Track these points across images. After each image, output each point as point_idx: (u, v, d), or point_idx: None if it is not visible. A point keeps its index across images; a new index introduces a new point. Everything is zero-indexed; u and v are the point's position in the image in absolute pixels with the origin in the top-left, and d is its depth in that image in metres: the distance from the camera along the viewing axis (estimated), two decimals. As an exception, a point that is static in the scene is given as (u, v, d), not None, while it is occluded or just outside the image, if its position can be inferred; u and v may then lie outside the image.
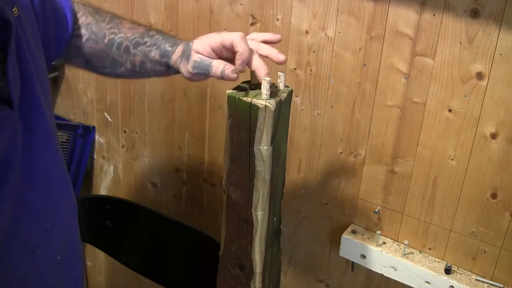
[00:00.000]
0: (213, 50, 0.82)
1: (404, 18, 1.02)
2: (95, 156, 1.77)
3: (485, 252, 1.07)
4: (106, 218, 1.48)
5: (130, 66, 0.89)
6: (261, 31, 1.21)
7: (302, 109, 1.22)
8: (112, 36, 0.88)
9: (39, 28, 0.76)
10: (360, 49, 1.09)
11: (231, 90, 0.85)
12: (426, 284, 1.09)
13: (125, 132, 1.64)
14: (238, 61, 0.79)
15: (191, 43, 0.84)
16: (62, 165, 0.76)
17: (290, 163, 1.27)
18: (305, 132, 1.23)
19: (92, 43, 0.88)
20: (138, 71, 0.90)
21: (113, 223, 1.48)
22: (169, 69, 0.88)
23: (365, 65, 1.09)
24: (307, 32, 1.15)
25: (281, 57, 0.81)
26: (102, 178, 1.79)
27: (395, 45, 1.04)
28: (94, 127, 1.72)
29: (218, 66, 0.81)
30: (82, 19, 0.89)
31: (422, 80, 1.03)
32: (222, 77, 0.80)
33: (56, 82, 1.75)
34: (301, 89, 1.20)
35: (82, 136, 1.71)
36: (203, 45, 0.82)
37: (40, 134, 0.70)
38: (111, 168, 1.74)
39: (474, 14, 0.94)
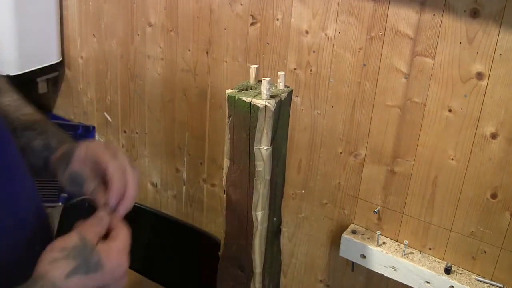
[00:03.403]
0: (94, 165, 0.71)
1: (404, 18, 1.02)
2: (95, 156, 1.77)
3: (485, 252, 1.07)
4: (106, 218, 1.47)
5: None
6: (261, 31, 1.21)
7: (302, 109, 1.22)
8: (5, 113, 0.80)
9: None
10: (360, 49, 1.09)
11: (231, 90, 0.85)
12: (426, 284, 1.09)
13: (125, 132, 1.64)
14: (110, 197, 0.68)
15: (75, 149, 0.74)
16: (21, 160, 0.72)
17: (290, 163, 1.27)
18: (305, 132, 1.23)
19: None
20: None
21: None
22: (46, 167, 0.77)
23: (365, 65, 1.09)
24: (307, 32, 1.15)
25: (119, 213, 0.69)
26: (102, 178, 1.79)
27: (395, 45, 1.04)
28: (94, 127, 1.72)
29: (90, 192, 0.70)
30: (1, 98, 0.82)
31: (422, 80, 1.03)
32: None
33: (56, 82, 1.75)
34: (301, 89, 1.20)
35: (82, 136, 1.71)
36: (86, 156, 0.72)
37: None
38: (111, 168, 1.74)
39: (474, 14, 0.94)
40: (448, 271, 1.08)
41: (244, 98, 0.82)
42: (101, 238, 0.62)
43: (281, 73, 0.87)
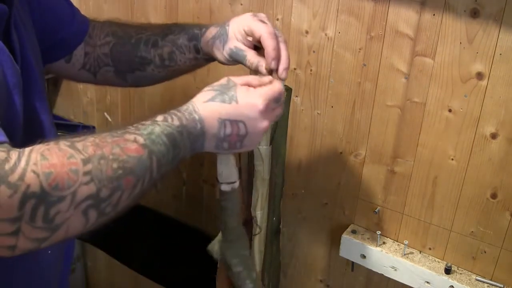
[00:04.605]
0: (247, 35, 0.81)
1: (404, 18, 1.01)
2: (95, 156, 1.77)
3: (485, 252, 1.07)
4: (106, 218, 1.47)
5: (159, 61, 0.88)
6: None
7: (302, 109, 1.22)
8: (140, 35, 0.89)
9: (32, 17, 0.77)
10: (360, 49, 1.09)
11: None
12: (426, 284, 1.09)
13: (125, 132, 1.64)
14: (268, 59, 0.77)
15: (227, 27, 0.83)
16: (54, 126, 0.76)
17: (290, 163, 1.27)
18: (305, 132, 1.23)
19: (119, 46, 0.89)
20: (168, 65, 0.88)
21: (113, 223, 1.48)
22: (198, 54, 0.86)
23: (365, 65, 1.09)
24: (307, 32, 1.14)
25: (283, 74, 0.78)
26: (102, 178, 1.79)
27: (395, 45, 1.04)
28: (94, 127, 1.72)
29: (252, 61, 0.80)
30: (108, 29, 0.91)
31: (422, 80, 1.03)
32: (257, 72, 0.80)
33: (56, 82, 1.75)
34: (301, 89, 1.20)
35: (82, 136, 1.70)
36: (238, 31, 0.82)
37: (36, 92, 0.70)
38: (111, 168, 1.74)
39: (474, 14, 0.94)
40: (448, 271, 1.08)
41: (244, 98, 0.82)
42: None
43: (280, 73, 0.87)
